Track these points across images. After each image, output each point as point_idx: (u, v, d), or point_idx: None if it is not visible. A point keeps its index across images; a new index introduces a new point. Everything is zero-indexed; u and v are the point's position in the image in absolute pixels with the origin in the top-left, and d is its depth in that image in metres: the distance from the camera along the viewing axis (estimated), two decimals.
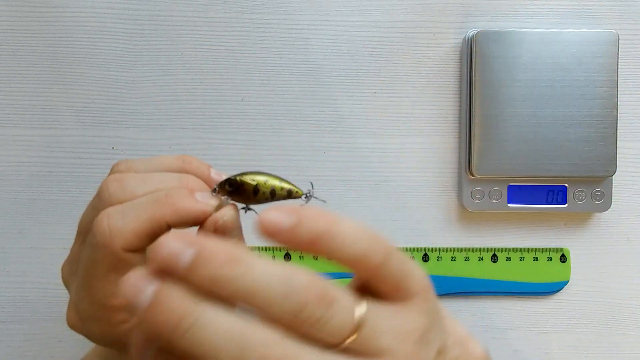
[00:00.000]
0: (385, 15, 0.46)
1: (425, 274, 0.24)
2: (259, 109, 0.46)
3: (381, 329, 0.21)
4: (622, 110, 0.46)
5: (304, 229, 0.21)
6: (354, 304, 0.21)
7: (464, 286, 0.46)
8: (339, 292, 0.21)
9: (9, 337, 0.46)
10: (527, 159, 0.44)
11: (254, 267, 0.20)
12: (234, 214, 0.27)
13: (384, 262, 0.22)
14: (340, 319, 0.20)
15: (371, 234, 0.22)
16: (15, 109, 0.46)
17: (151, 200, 0.26)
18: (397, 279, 0.23)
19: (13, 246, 0.46)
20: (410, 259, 0.24)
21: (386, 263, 0.22)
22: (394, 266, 0.22)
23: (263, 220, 0.21)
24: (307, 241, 0.21)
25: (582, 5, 0.46)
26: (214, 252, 0.19)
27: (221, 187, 0.28)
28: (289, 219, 0.21)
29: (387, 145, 0.47)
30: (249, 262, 0.20)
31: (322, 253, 0.21)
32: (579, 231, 0.47)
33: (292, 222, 0.21)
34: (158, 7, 0.46)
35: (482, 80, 0.44)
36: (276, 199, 0.28)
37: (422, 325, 0.23)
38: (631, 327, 0.47)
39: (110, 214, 0.26)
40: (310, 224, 0.21)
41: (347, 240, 0.21)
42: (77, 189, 0.46)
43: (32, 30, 0.46)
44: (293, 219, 0.21)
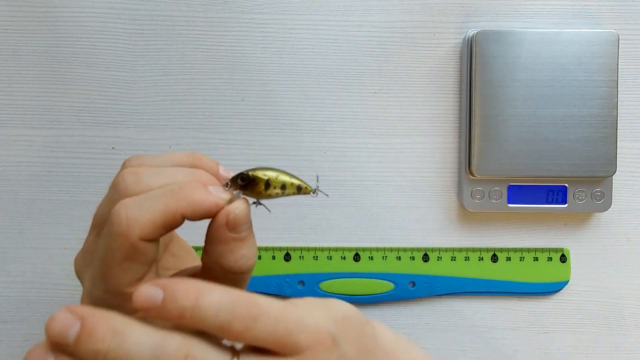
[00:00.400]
0: (385, 15, 0.46)
1: (327, 322, 0.25)
2: (259, 109, 0.46)
3: None
4: (622, 110, 0.46)
5: (171, 305, 0.23)
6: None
7: (464, 286, 0.46)
8: (209, 352, 0.23)
9: (9, 337, 0.46)
10: (527, 159, 0.44)
11: (128, 336, 0.22)
12: (245, 207, 0.28)
13: (248, 329, 0.23)
14: None
15: (234, 304, 0.23)
16: (15, 109, 0.46)
17: (167, 192, 0.27)
18: (273, 339, 0.24)
19: (13, 246, 0.46)
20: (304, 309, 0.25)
21: (249, 330, 0.23)
22: (262, 329, 0.24)
23: (136, 296, 0.23)
24: (175, 316, 0.23)
25: (582, 5, 0.46)
26: (95, 326, 0.22)
27: (233, 181, 0.29)
28: (158, 295, 0.23)
29: (387, 145, 0.47)
30: (125, 332, 0.22)
31: (190, 325, 0.23)
32: (579, 231, 0.47)
33: (161, 298, 0.23)
34: (158, 7, 0.46)
35: (482, 80, 0.44)
36: (286, 194, 0.29)
37: None
38: (631, 327, 0.47)
39: (128, 204, 0.27)
40: (177, 300, 0.23)
41: (210, 313, 0.23)
42: (77, 189, 0.46)
43: (32, 30, 0.46)
44: (161, 295, 0.23)
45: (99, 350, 0.22)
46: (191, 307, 0.23)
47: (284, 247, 0.46)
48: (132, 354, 0.22)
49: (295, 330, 0.24)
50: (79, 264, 0.31)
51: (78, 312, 0.23)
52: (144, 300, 0.23)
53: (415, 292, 0.46)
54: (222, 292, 0.24)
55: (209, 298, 0.23)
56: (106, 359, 0.22)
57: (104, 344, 0.22)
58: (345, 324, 0.26)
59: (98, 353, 0.22)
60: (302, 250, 0.46)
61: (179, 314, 0.23)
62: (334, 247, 0.47)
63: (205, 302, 0.23)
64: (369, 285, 0.46)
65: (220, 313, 0.23)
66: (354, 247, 0.47)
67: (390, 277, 0.46)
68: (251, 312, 0.23)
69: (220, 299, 0.23)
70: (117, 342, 0.22)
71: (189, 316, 0.23)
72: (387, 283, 0.46)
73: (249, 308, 0.24)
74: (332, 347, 0.25)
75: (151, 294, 0.23)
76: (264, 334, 0.24)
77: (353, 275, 0.46)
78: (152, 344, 0.23)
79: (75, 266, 0.31)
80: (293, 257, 0.46)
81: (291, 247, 0.46)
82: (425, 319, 0.47)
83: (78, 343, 0.22)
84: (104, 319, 0.23)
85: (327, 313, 0.26)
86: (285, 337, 0.24)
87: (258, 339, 0.24)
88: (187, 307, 0.23)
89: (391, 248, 0.47)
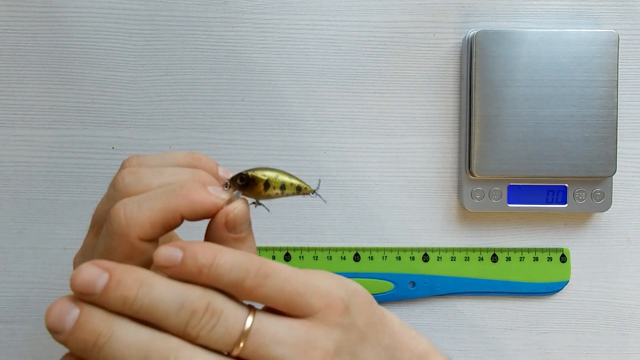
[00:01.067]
0: (385, 15, 0.46)
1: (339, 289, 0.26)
2: (259, 109, 0.46)
3: (273, 340, 0.25)
4: (622, 110, 0.46)
5: (190, 262, 0.25)
6: (242, 316, 0.25)
7: (464, 286, 0.46)
8: (228, 305, 0.25)
9: (9, 337, 0.46)
10: (527, 159, 0.44)
11: (154, 286, 0.24)
12: (245, 207, 0.28)
13: (258, 286, 0.25)
14: (225, 328, 0.24)
15: (247, 261, 0.25)
16: (15, 109, 0.46)
17: (166, 191, 0.27)
18: (284, 298, 0.25)
19: (13, 246, 0.46)
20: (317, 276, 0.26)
21: (261, 287, 0.25)
22: (272, 288, 0.25)
23: (157, 256, 0.25)
24: (193, 272, 0.25)
25: (582, 5, 0.46)
26: (123, 276, 0.24)
27: (233, 181, 0.29)
28: (178, 254, 0.25)
29: (387, 145, 0.47)
30: (151, 282, 0.24)
31: (207, 282, 0.25)
32: (579, 231, 0.47)
33: (180, 257, 0.25)
34: (158, 7, 0.46)
35: (482, 80, 0.44)
36: (285, 194, 0.29)
37: (333, 339, 0.25)
38: (631, 327, 0.47)
39: (127, 204, 0.27)
40: (194, 258, 0.25)
41: (224, 269, 0.25)
42: (77, 189, 0.46)
43: (32, 30, 0.46)
44: (181, 254, 0.25)
45: (127, 297, 0.24)
46: (209, 264, 0.25)
47: (284, 247, 0.46)
48: (158, 301, 0.24)
49: (306, 292, 0.25)
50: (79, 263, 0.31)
51: (104, 265, 0.24)
52: (164, 258, 0.24)
53: (415, 292, 0.46)
54: (237, 252, 0.25)
55: (225, 256, 0.25)
56: (133, 307, 0.24)
57: (132, 291, 0.24)
58: (356, 297, 0.27)
59: (126, 300, 0.24)
60: (302, 250, 0.46)
61: (198, 270, 0.24)
62: (334, 247, 0.47)
63: (222, 260, 0.25)
64: (369, 285, 0.46)
65: (234, 269, 0.25)
66: (354, 247, 0.47)
67: (390, 277, 0.46)
68: (262, 269, 0.25)
69: (235, 258, 0.25)
70: (144, 291, 0.24)
71: (207, 272, 0.25)
72: (387, 283, 0.46)
73: (260, 266, 0.25)
74: (344, 313, 0.26)
75: (171, 253, 0.25)
76: (274, 292, 0.25)
77: (353, 275, 0.46)
78: (176, 293, 0.24)
79: (75, 266, 0.31)
80: (293, 257, 0.46)
81: (291, 247, 0.46)
82: (425, 319, 0.47)
83: (106, 292, 0.24)
84: (130, 270, 0.24)
85: (339, 283, 0.27)
86: (296, 298, 0.25)
87: (269, 297, 0.25)
88: (205, 264, 0.25)
89: (391, 248, 0.47)
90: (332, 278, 0.27)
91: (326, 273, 0.27)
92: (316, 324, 0.25)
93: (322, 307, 0.26)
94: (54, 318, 0.24)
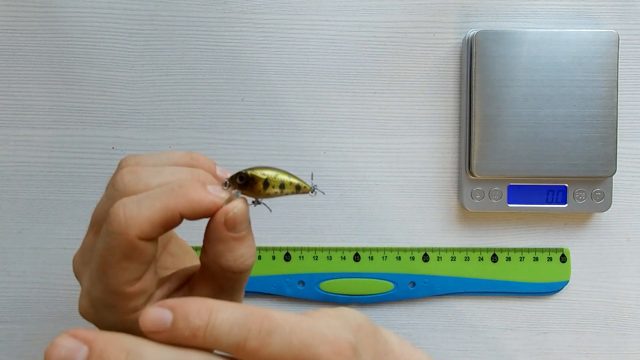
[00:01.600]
0: (385, 15, 0.46)
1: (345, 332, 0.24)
2: (259, 109, 0.46)
3: None
4: (622, 110, 0.46)
5: (182, 325, 0.22)
6: None
7: (464, 286, 0.46)
8: None
9: (9, 337, 0.46)
10: (527, 159, 0.44)
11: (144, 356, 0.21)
12: (244, 207, 0.28)
13: (262, 346, 0.22)
14: None
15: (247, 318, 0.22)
16: (15, 109, 0.46)
17: (165, 190, 0.27)
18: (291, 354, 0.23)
19: (13, 246, 0.46)
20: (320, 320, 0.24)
21: (266, 346, 0.22)
22: (278, 345, 0.22)
23: (144, 320, 0.22)
24: (188, 336, 0.22)
25: (582, 5, 0.46)
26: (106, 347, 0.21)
27: (232, 180, 0.29)
28: (167, 316, 0.22)
29: (387, 145, 0.47)
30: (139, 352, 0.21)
31: (203, 346, 0.22)
32: (579, 231, 0.47)
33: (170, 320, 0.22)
34: (158, 7, 0.46)
35: (482, 80, 0.44)
36: (285, 193, 0.29)
37: None
38: (631, 327, 0.47)
39: (126, 203, 0.26)
40: (187, 320, 0.22)
41: (222, 330, 0.22)
42: (77, 189, 0.46)
43: (32, 30, 0.46)
44: (171, 316, 0.22)
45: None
46: (204, 325, 0.22)
47: (284, 247, 0.46)
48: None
49: (314, 343, 0.23)
50: (78, 262, 0.31)
51: (82, 335, 0.21)
52: (152, 323, 0.22)
53: (415, 292, 0.46)
54: (235, 308, 0.23)
55: (222, 315, 0.22)
56: None
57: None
58: (361, 332, 0.25)
59: None
60: (302, 250, 0.46)
61: (192, 334, 0.22)
62: (334, 247, 0.47)
63: (218, 319, 0.22)
64: (369, 285, 0.46)
65: (234, 329, 0.22)
66: (354, 247, 0.47)
67: (390, 277, 0.46)
68: (265, 326, 0.22)
69: (233, 315, 0.22)
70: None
71: (202, 336, 0.22)
72: (387, 283, 0.46)
73: (263, 321, 0.22)
74: (353, 357, 0.24)
75: (159, 316, 0.22)
76: (280, 349, 0.22)
77: (353, 275, 0.46)
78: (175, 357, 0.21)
79: (74, 265, 0.31)
80: (293, 257, 0.46)
81: (291, 247, 0.46)
82: (425, 319, 0.47)
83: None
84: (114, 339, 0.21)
85: (342, 322, 0.25)
86: (303, 351, 0.23)
87: (274, 355, 0.22)
88: (200, 326, 0.22)
89: (391, 248, 0.47)
90: (335, 319, 0.25)
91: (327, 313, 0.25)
92: None
93: (330, 356, 0.23)
94: None
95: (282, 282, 0.46)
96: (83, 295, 0.30)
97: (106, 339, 0.21)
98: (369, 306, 0.47)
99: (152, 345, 0.22)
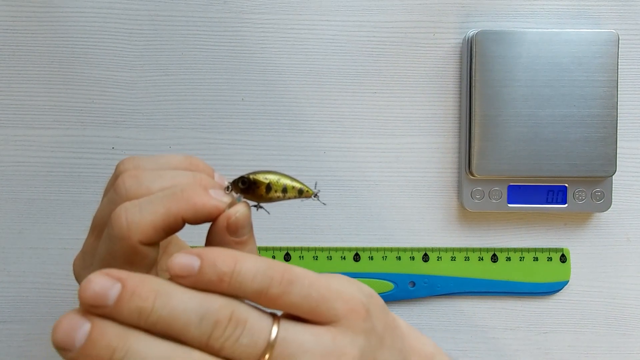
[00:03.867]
0: (385, 15, 0.46)
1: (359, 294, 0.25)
2: (259, 109, 0.46)
3: (300, 350, 0.23)
4: (622, 110, 0.46)
5: (209, 270, 0.23)
6: (267, 325, 0.23)
7: (464, 286, 0.46)
8: (252, 314, 0.23)
9: (9, 337, 0.46)
10: (527, 159, 0.44)
11: (173, 296, 0.22)
12: (246, 211, 0.28)
13: (283, 293, 0.24)
14: (250, 339, 0.23)
15: (270, 268, 0.24)
16: (15, 109, 0.46)
17: (167, 195, 0.27)
18: (309, 305, 0.24)
19: (13, 246, 0.46)
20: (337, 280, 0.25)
21: (286, 294, 0.24)
22: (298, 294, 0.24)
23: (172, 264, 0.23)
24: (213, 281, 0.23)
25: (582, 5, 0.46)
26: (137, 285, 0.22)
27: (234, 184, 0.28)
28: (195, 262, 0.23)
29: (387, 145, 0.47)
30: (168, 292, 0.22)
31: (228, 291, 0.23)
32: (579, 231, 0.47)
33: (198, 265, 0.23)
34: (158, 7, 0.46)
35: (482, 80, 0.44)
36: (287, 197, 0.29)
37: (358, 346, 0.24)
38: (631, 327, 0.47)
39: (128, 207, 0.26)
40: (214, 266, 0.23)
41: (247, 277, 0.23)
42: (77, 189, 0.46)
43: (32, 30, 0.46)
44: (198, 262, 0.23)
45: (143, 308, 0.22)
46: (230, 272, 0.23)
47: (284, 247, 0.46)
48: (177, 313, 0.22)
49: (331, 297, 0.24)
50: (78, 266, 0.31)
51: (115, 275, 0.22)
52: (180, 267, 0.23)
53: (415, 292, 0.46)
54: (258, 258, 0.24)
55: (247, 264, 0.23)
56: (150, 319, 0.22)
57: (148, 302, 0.22)
58: (373, 300, 0.27)
59: (142, 312, 0.22)
60: (302, 250, 0.46)
61: (218, 279, 0.23)
62: (334, 247, 0.47)
63: (244, 267, 0.23)
64: (369, 285, 0.46)
65: (258, 277, 0.23)
66: (354, 247, 0.47)
67: (390, 277, 0.46)
68: (286, 276, 0.24)
69: (257, 264, 0.24)
70: (161, 301, 0.22)
71: (228, 281, 0.23)
72: (387, 283, 0.46)
73: (284, 272, 0.24)
74: (367, 318, 0.25)
75: (188, 261, 0.23)
76: (299, 299, 0.24)
77: (353, 275, 0.46)
78: (196, 303, 0.23)
79: (75, 268, 0.31)
80: (293, 257, 0.46)
81: (291, 247, 0.46)
82: (425, 319, 0.47)
83: (120, 304, 0.22)
84: (145, 279, 0.22)
85: (356, 287, 0.26)
86: (321, 304, 0.24)
87: (294, 304, 0.24)
88: (227, 272, 0.23)
89: (391, 248, 0.47)
90: (350, 282, 0.26)
91: (343, 277, 0.26)
92: (341, 331, 0.24)
93: (346, 312, 0.25)
94: (62, 334, 0.21)
95: None
96: None
97: (138, 279, 0.22)
98: None
99: (179, 288, 0.23)
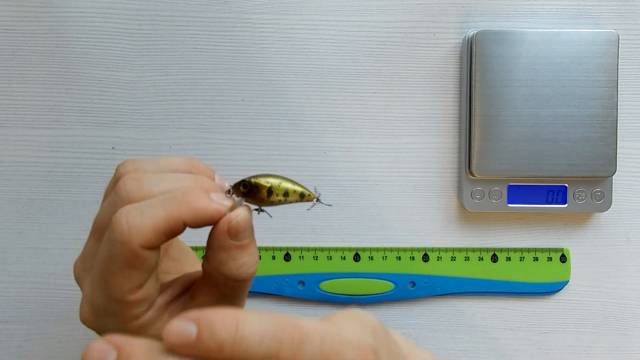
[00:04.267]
0: (385, 15, 0.46)
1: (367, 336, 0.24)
2: (259, 109, 0.46)
3: None
4: (622, 110, 0.46)
5: (208, 338, 0.21)
6: None
7: (464, 286, 0.46)
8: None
9: (9, 337, 0.46)
10: (527, 159, 0.44)
11: None
12: (247, 214, 0.27)
13: (295, 355, 0.21)
14: None
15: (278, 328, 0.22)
16: (15, 109, 0.46)
17: (169, 198, 0.26)
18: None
19: (13, 246, 0.46)
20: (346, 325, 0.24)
21: (298, 355, 0.22)
22: (310, 354, 0.22)
23: (167, 333, 0.21)
24: (214, 350, 0.21)
25: (582, 5, 0.46)
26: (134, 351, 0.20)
27: (235, 188, 0.28)
28: (192, 329, 0.21)
29: (387, 145, 0.47)
30: None
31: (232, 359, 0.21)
32: (579, 231, 0.47)
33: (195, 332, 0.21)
34: (158, 7, 0.46)
35: (482, 80, 0.44)
36: (289, 201, 0.29)
37: None
38: (631, 327, 0.47)
39: (129, 211, 0.26)
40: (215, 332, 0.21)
41: (252, 342, 0.21)
42: (77, 189, 0.46)
43: (32, 30, 0.46)
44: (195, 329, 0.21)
45: None
46: (232, 338, 0.21)
47: (284, 247, 0.46)
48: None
49: (342, 350, 0.22)
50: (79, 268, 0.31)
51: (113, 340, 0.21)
52: (175, 336, 0.21)
53: (415, 292, 0.46)
54: (262, 318, 0.21)
55: (250, 325, 0.21)
56: None
57: None
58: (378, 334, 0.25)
59: None
60: (302, 250, 0.46)
61: (218, 347, 0.21)
62: (334, 247, 0.47)
63: (247, 330, 0.21)
64: (369, 285, 0.46)
65: (265, 340, 0.21)
66: (354, 247, 0.47)
67: (390, 277, 0.46)
68: (296, 336, 0.21)
69: (262, 325, 0.21)
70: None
71: (230, 349, 0.21)
72: (387, 283, 0.46)
73: (294, 332, 0.22)
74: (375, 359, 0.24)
75: (183, 329, 0.21)
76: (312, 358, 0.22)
77: (353, 275, 0.46)
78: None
79: (75, 271, 0.31)
80: (293, 257, 0.46)
81: (291, 247, 0.46)
82: (425, 319, 0.47)
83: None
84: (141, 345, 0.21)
85: (361, 326, 0.25)
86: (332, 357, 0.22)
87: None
88: (227, 338, 0.21)
89: (391, 248, 0.47)
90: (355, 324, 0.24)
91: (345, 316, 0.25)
92: None
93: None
94: None
95: (282, 282, 0.46)
96: (84, 302, 0.29)
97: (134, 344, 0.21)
98: (369, 306, 0.47)
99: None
